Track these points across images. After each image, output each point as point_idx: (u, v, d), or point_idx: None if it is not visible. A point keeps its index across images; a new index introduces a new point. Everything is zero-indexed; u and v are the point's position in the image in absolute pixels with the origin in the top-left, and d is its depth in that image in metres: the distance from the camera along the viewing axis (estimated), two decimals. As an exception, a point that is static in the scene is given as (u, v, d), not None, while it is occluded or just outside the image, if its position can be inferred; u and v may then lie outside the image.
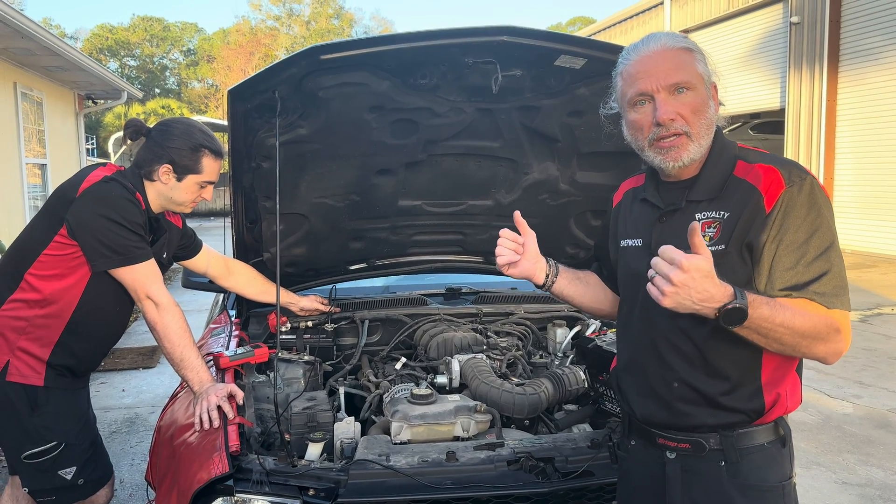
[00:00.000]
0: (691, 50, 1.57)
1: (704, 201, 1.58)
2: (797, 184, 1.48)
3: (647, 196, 1.71)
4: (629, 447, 1.78)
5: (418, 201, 2.94)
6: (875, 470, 4.14)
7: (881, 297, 9.18)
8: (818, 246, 1.47)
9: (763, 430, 1.60)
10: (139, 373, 6.26)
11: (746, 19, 15.48)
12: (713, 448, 1.59)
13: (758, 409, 1.57)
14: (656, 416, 1.67)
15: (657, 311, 1.61)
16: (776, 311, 1.40)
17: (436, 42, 2.16)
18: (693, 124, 1.55)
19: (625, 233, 1.78)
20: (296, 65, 2.15)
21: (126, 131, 2.49)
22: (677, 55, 1.55)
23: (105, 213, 2.24)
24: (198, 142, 2.41)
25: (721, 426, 1.59)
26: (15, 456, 2.36)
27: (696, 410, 1.60)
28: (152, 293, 2.31)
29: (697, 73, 1.55)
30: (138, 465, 4.29)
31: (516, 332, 3.14)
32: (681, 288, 1.34)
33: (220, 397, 2.15)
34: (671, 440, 1.65)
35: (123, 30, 48.75)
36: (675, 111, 1.54)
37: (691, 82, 1.54)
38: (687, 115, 1.54)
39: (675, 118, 1.54)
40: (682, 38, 1.58)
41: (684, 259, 1.34)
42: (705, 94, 1.56)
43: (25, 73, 10.46)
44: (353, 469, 1.88)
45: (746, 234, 1.51)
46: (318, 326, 3.07)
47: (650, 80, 1.55)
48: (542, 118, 2.55)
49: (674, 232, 1.60)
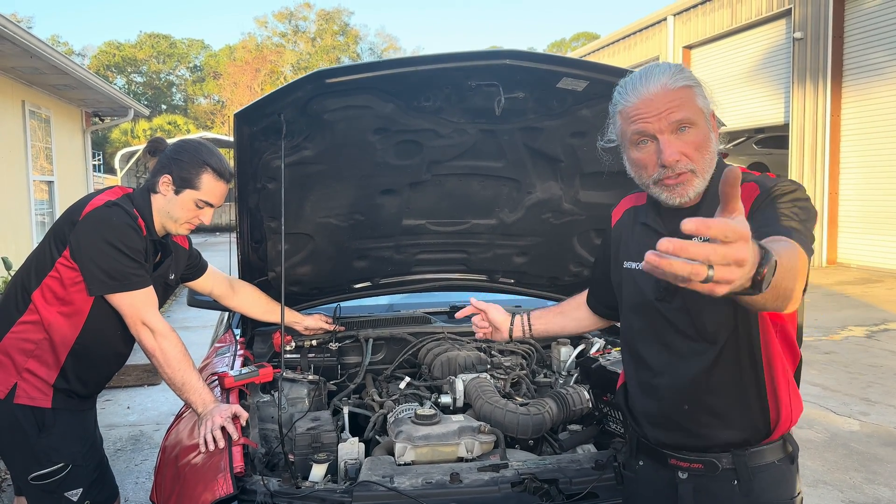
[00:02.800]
0: (691, 86, 1.55)
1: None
2: (770, 188, 1.49)
3: (649, 221, 1.71)
4: (637, 468, 1.78)
5: (422, 220, 2.96)
6: (882, 489, 4.11)
7: (887, 312, 9.14)
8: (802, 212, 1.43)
9: (773, 448, 1.62)
10: (144, 390, 6.27)
11: (750, 35, 15.55)
12: (726, 467, 1.60)
13: (766, 422, 1.59)
14: (668, 438, 1.67)
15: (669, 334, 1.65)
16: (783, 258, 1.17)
17: (439, 66, 2.18)
18: (698, 161, 1.54)
19: (627, 254, 1.77)
20: (301, 88, 2.18)
21: (148, 146, 2.51)
22: (678, 94, 1.53)
23: (105, 238, 2.24)
24: (202, 158, 2.40)
25: (733, 444, 1.60)
26: (22, 477, 2.36)
27: (708, 431, 1.62)
28: (148, 319, 2.30)
29: (698, 109, 1.53)
30: (143, 483, 4.29)
31: (520, 351, 3.15)
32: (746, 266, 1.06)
33: (225, 418, 2.15)
34: (684, 461, 1.66)
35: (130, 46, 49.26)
36: (679, 151, 1.52)
37: (693, 119, 1.52)
38: (691, 153, 1.53)
39: (679, 158, 1.53)
40: (681, 76, 1.55)
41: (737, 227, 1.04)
42: (706, 128, 1.55)
43: (33, 91, 10.56)
44: (357, 491, 1.89)
45: None
46: (323, 345, 3.08)
47: (651, 120, 1.53)
48: (544, 139, 2.57)
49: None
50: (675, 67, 1.57)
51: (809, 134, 13.55)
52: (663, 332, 1.66)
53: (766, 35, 15.04)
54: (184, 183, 2.38)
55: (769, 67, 14.89)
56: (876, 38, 12.26)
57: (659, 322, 1.66)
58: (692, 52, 17.73)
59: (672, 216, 1.65)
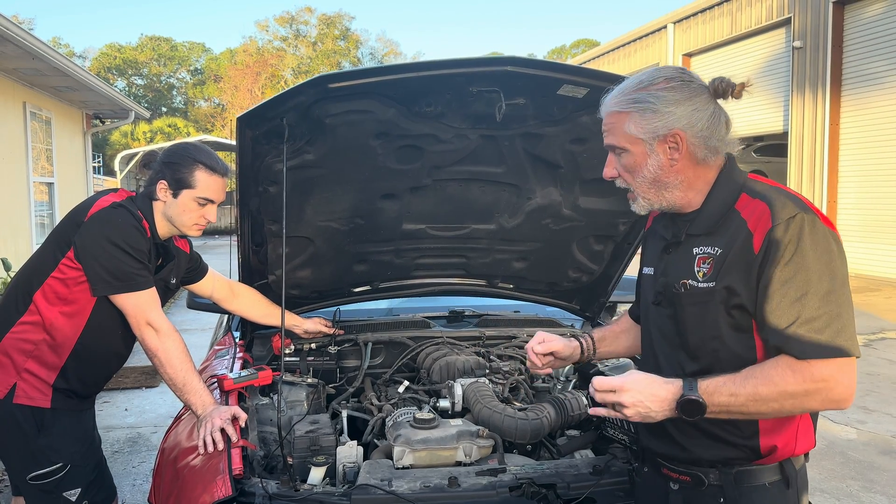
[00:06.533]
0: (626, 112, 1.55)
1: (702, 235, 1.58)
2: (783, 223, 1.43)
3: (658, 227, 1.76)
4: (643, 473, 1.81)
5: (422, 225, 2.97)
6: (879, 497, 4.12)
7: (885, 321, 9.15)
8: (797, 291, 1.40)
9: (765, 470, 1.57)
10: (142, 392, 6.27)
11: (749, 43, 15.61)
12: (712, 483, 1.59)
13: (754, 449, 1.56)
14: (659, 447, 1.69)
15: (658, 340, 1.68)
16: (740, 388, 1.42)
17: (441, 71, 2.19)
18: (632, 182, 1.62)
19: (646, 259, 1.82)
20: (304, 93, 2.19)
21: (142, 161, 2.55)
22: (611, 119, 1.60)
23: (110, 239, 2.25)
24: (192, 156, 2.42)
25: (719, 461, 1.58)
26: (20, 477, 2.37)
27: (692, 443, 1.61)
28: (152, 320, 2.31)
29: (627, 136, 1.56)
30: (140, 485, 4.28)
31: (519, 356, 3.15)
32: (638, 405, 1.46)
33: (224, 420, 2.16)
34: (674, 471, 1.67)
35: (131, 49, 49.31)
36: (615, 170, 1.64)
37: (621, 145, 1.59)
38: (623, 174, 1.63)
39: (615, 175, 1.64)
40: (621, 99, 1.57)
41: (617, 381, 1.48)
42: (642, 152, 1.56)
43: (35, 92, 10.58)
44: (356, 494, 1.89)
45: (732, 273, 1.48)
46: (322, 349, 3.08)
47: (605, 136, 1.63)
48: (544, 145, 2.58)
49: (674, 264, 1.63)
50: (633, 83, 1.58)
51: (808, 142, 13.59)
52: (653, 338, 1.70)
53: (766, 43, 15.10)
54: (180, 184, 2.40)
55: (768, 76, 14.94)
56: (875, 48, 12.31)
57: (654, 327, 1.70)
58: (692, 59, 17.79)
59: (676, 222, 1.68)
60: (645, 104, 1.53)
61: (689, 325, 1.57)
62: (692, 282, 1.55)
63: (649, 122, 1.54)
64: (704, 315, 1.54)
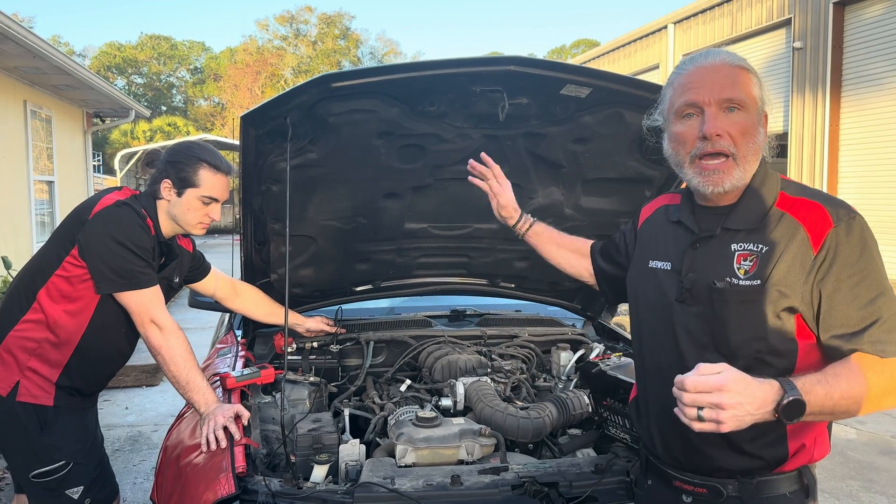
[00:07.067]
0: (750, 71, 1.49)
1: (742, 231, 1.51)
2: (845, 222, 1.42)
3: (682, 219, 1.64)
4: (646, 486, 1.74)
5: (424, 224, 2.98)
6: (878, 497, 4.13)
7: (885, 321, 9.15)
8: (869, 291, 1.40)
9: (785, 479, 1.52)
10: (142, 390, 6.27)
11: (749, 44, 15.60)
12: (731, 495, 1.52)
13: (780, 457, 1.51)
14: (676, 454, 1.61)
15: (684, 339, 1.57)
16: (832, 387, 1.33)
17: (444, 71, 2.20)
18: (741, 146, 1.46)
19: (655, 253, 1.69)
20: (307, 92, 2.19)
21: (145, 160, 2.54)
22: (735, 72, 1.47)
23: (114, 237, 2.26)
24: (195, 155, 2.42)
25: (740, 471, 1.52)
26: (22, 475, 2.37)
27: (716, 452, 1.53)
28: (156, 317, 2.32)
29: (752, 95, 1.47)
30: (141, 483, 4.29)
31: (520, 355, 3.16)
32: (736, 408, 1.25)
33: (227, 418, 2.16)
34: (688, 483, 1.59)
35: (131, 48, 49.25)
36: (723, 128, 1.45)
37: (744, 101, 1.46)
38: (735, 134, 1.46)
39: (722, 135, 1.45)
40: (742, 59, 1.50)
41: (719, 380, 1.25)
42: (756, 117, 1.48)
43: (35, 91, 10.57)
44: (358, 492, 1.90)
45: (788, 273, 1.43)
46: (324, 347, 3.09)
47: (702, 91, 1.46)
48: (547, 145, 2.59)
49: (706, 260, 1.54)
50: (738, 55, 1.52)
51: (808, 143, 13.60)
52: (677, 337, 1.58)
53: (766, 44, 15.10)
54: (183, 183, 2.40)
55: (769, 76, 14.92)
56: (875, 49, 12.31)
57: (675, 326, 1.58)
58: (692, 60, 17.77)
59: (706, 216, 1.59)
60: (759, 76, 1.50)
61: (731, 324, 1.49)
62: (733, 279, 1.48)
63: (762, 92, 1.49)
64: (748, 314, 1.46)
